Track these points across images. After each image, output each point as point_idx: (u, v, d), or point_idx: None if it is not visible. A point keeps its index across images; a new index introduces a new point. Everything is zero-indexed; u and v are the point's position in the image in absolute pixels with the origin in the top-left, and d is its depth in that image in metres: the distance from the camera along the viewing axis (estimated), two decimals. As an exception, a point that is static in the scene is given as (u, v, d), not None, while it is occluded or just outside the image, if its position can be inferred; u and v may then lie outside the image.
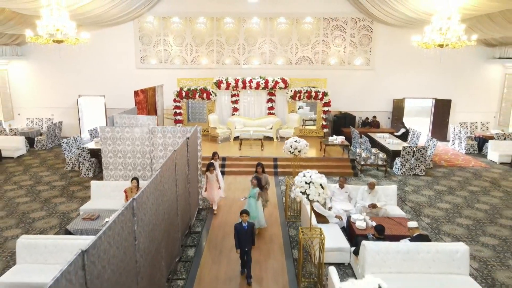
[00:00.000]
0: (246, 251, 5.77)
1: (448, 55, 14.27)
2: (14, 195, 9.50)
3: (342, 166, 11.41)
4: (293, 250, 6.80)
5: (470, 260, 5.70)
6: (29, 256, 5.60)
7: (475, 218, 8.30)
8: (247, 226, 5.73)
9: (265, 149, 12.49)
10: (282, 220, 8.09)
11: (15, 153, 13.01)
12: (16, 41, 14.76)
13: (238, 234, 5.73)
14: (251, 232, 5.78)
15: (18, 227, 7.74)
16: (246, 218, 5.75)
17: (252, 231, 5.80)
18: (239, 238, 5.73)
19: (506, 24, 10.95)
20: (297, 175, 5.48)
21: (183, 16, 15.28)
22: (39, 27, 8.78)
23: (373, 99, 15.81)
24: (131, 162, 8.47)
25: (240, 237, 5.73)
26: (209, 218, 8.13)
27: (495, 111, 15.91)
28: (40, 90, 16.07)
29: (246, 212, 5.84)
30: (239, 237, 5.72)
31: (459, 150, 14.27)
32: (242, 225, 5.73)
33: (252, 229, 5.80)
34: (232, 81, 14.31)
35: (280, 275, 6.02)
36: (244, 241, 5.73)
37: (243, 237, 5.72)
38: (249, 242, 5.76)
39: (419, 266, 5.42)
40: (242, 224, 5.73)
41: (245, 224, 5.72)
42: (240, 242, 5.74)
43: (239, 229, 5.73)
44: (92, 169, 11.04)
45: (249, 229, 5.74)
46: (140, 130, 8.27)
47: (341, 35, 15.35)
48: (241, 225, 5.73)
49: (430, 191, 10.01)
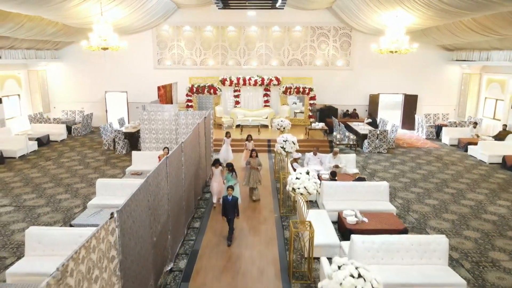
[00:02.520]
0: (230, 219, 7.04)
1: (415, 58, 17.43)
2: (70, 164, 12.55)
3: (322, 146, 14.40)
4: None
5: (409, 213, 8.72)
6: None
7: (413, 179, 11.34)
8: (231, 199, 7.00)
9: (261, 134, 15.53)
10: (273, 183, 11.13)
11: (59, 137, 16.07)
12: (56, 47, 17.82)
13: (224, 205, 7.08)
14: (235, 204, 7.05)
15: (82, 181, 10.78)
16: (231, 192, 7.08)
17: (235, 204, 7.08)
18: (225, 207, 7.05)
19: (450, 34, 13.99)
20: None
21: (193, 25, 18.34)
22: (91, 38, 11.81)
23: (352, 95, 18.86)
24: (161, 137, 11.53)
25: (225, 207, 7.04)
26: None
27: (455, 104, 18.96)
28: (72, 87, 19.12)
29: (231, 187, 7.21)
30: (225, 207, 7.05)
31: (421, 136, 17.33)
32: (228, 197, 7.04)
33: (236, 202, 7.08)
34: (234, 79, 17.35)
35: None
36: (228, 210, 7.00)
37: (228, 207, 7.00)
38: (233, 212, 7.01)
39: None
40: (227, 197, 7.06)
41: (230, 197, 7.01)
42: (225, 211, 7.06)
43: (225, 201, 7.06)
44: (125, 148, 14.08)
45: (232, 201, 6.99)
46: (168, 113, 11.34)
47: (325, 41, 18.41)
48: (227, 197, 7.06)
49: (387, 163, 13.06)
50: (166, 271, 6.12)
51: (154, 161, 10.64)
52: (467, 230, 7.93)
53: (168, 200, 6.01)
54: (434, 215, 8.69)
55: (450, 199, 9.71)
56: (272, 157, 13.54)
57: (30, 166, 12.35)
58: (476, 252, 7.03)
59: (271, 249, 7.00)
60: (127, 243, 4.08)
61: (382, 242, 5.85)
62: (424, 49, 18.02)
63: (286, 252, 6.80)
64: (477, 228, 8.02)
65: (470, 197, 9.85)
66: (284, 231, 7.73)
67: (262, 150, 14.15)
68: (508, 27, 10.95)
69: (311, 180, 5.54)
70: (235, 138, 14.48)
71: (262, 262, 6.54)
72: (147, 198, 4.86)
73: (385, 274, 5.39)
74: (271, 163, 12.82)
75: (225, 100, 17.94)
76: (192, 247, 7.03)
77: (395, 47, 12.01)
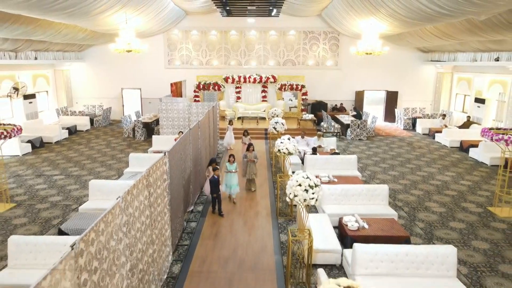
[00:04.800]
0: (218, 195, 8.44)
1: (396, 59, 19.93)
2: (100, 148, 15.03)
3: (311, 133, 16.88)
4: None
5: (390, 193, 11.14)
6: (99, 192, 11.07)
7: (383, 158, 13.79)
8: (216, 178, 8.38)
9: (259, 124, 17.99)
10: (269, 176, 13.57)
11: (84, 127, 18.57)
12: (80, 49, 20.31)
13: (213, 184, 8.36)
14: (217, 182, 8.39)
15: (113, 159, 13.24)
16: (218, 173, 8.43)
17: (218, 181, 8.38)
18: (213, 186, 8.36)
19: (419, 38, 16.45)
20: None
21: (200, 30, 20.82)
22: (117, 42, 14.27)
23: (340, 91, 21.32)
24: (177, 124, 14.01)
25: (213, 186, 8.36)
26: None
27: (431, 99, 21.42)
28: (92, 84, 21.60)
29: (216, 169, 8.56)
30: (213, 186, 8.36)
31: (399, 127, 19.79)
32: (214, 177, 8.37)
33: (217, 181, 8.37)
34: (236, 77, 19.81)
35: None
36: (215, 187, 8.35)
37: (215, 185, 8.35)
38: (218, 189, 8.37)
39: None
40: (214, 177, 8.38)
41: (216, 177, 8.38)
42: (213, 189, 8.37)
43: (212, 180, 8.37)
44: (143, 135, 16.55)
45: (217, 180, 8.39)
46: (182, 104, 13.81)
47: (316, 43, 20.88)
48: (214, 177, 8.38)
49: (364, 147, 15.51)
50: (188, 211, 8.58)
51: (171, 143, 13.10)
52: (415, 190, 10.38)
53: (190, 160, 8.48)
54: (393, 181, 11.13)
55: (409, 171, 12.16)
56: (268, 142, 16.01)
57: (66, 149, 14.84)
58: (416, 204, 9.49)
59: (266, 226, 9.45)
60: (172, 173, 6.54)
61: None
62: (403, 51, 20.53)
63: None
64: (422, 189, 10.47)
65: (425, 170, 12.30)
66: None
67: (260, 137, 16.64)
68: (460, 34, 13.41)
69: (291, 143, 7.99)
70: (236, 127, 16.97)
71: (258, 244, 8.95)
72: (180, 152, 7.32)
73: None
74: (267, 147, 15.28)
75: (228, 95, 20.40)
76: (205, 200, 9.49)
77: (370, 49, 14.47)
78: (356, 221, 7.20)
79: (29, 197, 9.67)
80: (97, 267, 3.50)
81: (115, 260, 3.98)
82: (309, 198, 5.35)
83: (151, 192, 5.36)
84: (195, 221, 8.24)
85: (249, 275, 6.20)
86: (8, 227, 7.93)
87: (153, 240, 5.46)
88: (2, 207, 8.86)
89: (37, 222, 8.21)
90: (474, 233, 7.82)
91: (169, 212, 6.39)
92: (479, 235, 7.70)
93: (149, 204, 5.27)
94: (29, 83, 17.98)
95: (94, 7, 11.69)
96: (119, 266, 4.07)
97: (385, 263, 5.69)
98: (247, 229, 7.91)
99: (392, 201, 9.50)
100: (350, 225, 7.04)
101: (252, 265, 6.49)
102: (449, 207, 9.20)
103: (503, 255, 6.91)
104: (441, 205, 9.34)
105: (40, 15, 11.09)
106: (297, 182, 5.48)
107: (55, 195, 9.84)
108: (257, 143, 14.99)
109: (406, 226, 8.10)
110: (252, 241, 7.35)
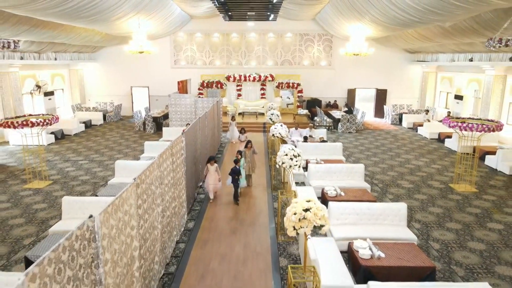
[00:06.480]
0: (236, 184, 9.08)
1: (385, 59, 21.63)
2: (115, 139, 16.75)
3: (305, 127, 18.55)
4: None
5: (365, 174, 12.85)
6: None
7: (368, 147, 15.49)
8: (238, 169, 9.07)
9: (258, 119, 19.69)
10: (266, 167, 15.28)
11: (98, 122, 20.30)
12: (93, 50, 22.04)
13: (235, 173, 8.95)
14: (239, 172, 9.08)
15: (128, 148, 14.96)
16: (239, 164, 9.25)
17: (239, 171, 9.08)
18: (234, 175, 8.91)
19: (403, 40, 18.16)
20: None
21: (204, 32, 22.53)
22: (131, 44, 15.99)
23: (334, 89, 23.02)
24: (184, 117, 15.71)
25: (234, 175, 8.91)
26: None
27: (417, 96, 23.12)
28: (104, 83, 23.33)
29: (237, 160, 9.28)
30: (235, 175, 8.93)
31: (387, 122, 21.49)
32: (236, 167, 9.06)
33: (239, 171, 9.06)
34: (237, 76, 21.52)
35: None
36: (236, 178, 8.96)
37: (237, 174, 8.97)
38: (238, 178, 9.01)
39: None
40: (236, 167, 9.07)
41: (238, 167, 9.08)
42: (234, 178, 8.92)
43: (235, 170, 8.97)
44: (153, 129, 18.27)
45: (238, 170, 9.08)
46: (189, 99, 15.51)
47: (311, 45, 22.58)
48: (236, 167, 9.06)
49: (353, 139, 17.21)
50: (198, 186, 10.30)
51: (179, 134, 14.84)
52: (391, 172, 12.08)
53: (200, 143, 10.19)
54: (373, 165, 12.83)
55: (389, 158, 13.86)
56: (265, 134, 17.72)
57: (85, 140, 16.57)
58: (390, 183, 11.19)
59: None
60: (187, 149, 8.24)
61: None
62: (392, 52, 22.25)
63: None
64: (398, 171, 12.17)
65: (404, 156, 14.01)
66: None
67: (258, 130, 18.35)
68: (436, 37, 15.12)
69: (283, 128, 9.71)
70: (237, 122, 18.70)
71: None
72: (192, 135, 9.03)
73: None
74: (265, 138, 16.99)
75: (230, 93, 22.11)
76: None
77: (358, 51, 16.17)
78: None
79: (62, 177, 11.39)
80: (146, 199, 5.21)
81: (154, 200, 5.69)
82: (293, 164, 7.07)
83: (174, 160, 7.07)
84: (203, 193, 9.96)
85: (249, 228, 7.90)
86: (50, 198, 9.65)
87: (174, 197, 7.17)
88: (42, 183, 10.59)
89: (73, 194, 9.92)
90: (432, 202, 9.53)
91: (184, 180, 8.10)
92: (436, 203, 9.41)
93: (173, 169, 6.98)
94: (48, 81, 19.70)
95: (113, 14, 13.43)
96: (156, 205, 5.78)
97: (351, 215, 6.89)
98: (247, 199, 9.62)
99: (369, 179, 11.21)
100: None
101: (251, 222, 8.20)
102: (417, 184, 10.92)
103: (452, 216, 8.62)
104: (410, 182, 11.05)
105: (68, 21, 12.82)
106: (284, 153, 7.20)
107: (83, 175, 11.56)
108: (256, 135, 16.75)
109: (378, 198, 9.80)
110: (252, 207, 9.05)
